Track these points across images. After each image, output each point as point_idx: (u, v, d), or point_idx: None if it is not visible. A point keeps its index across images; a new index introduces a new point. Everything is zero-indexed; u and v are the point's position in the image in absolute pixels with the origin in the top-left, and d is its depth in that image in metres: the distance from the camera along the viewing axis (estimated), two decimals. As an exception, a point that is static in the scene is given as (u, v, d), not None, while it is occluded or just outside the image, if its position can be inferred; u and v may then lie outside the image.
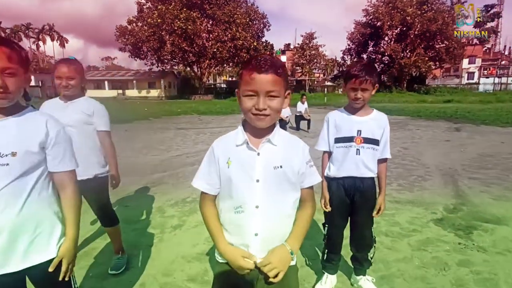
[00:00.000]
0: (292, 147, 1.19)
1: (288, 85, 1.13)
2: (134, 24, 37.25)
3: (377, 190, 2.10)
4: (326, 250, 2.25)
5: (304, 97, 10.97)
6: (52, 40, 59.77)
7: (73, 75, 2.15)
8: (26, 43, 55.74)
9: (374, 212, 2.09)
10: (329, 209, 2.12)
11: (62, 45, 62.51)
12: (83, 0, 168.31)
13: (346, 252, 2.36)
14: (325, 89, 39.12)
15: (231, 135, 1.22)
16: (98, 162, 2.31)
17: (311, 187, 1.26)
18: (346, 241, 2.23)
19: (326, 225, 2.21)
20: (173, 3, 34.59)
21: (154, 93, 39.95)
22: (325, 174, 2.12)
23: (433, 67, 41.90)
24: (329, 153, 2.10)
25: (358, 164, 1.99)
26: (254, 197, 1.14)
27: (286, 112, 10.09)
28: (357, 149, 1.97)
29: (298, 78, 46.78)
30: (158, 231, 3.23)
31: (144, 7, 37.67)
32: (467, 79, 48.71)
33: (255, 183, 1.14)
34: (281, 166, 1.14)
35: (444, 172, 5.50)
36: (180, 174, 5.37)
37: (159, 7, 34.60)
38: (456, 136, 9.71)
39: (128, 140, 9.11)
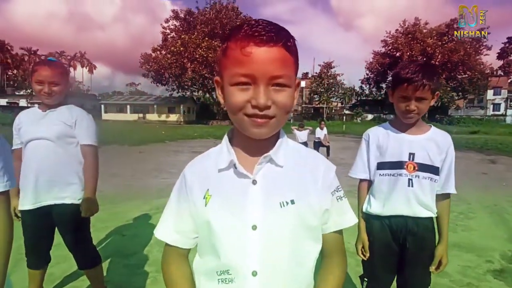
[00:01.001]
0: (309, 168, 0.75)
1: (298, 69, 0.70)
2: (158, 52, 39.04)
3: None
4: (365, 315, 1.66)
5: (323, 123, 10.52)
6: (82, 66, 63.52)
7: (57, 80, 1.76)
8: (58, 69, 59.40)
9: (432, 267, 1.52)
10: (367, 256, 1.58)
11: (91, 71, 66.21)
12: (114, 31, 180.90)
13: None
14: (344, 118, 38.57)
15: (212, 153, 0.78)
16: (78, 185, 1.87)
17: (340, 232, 0.79)
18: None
19: (365, 280, 1.64)
20: (196, 33, 36.15)
21: (173, 117, 40.75)
22: (364, 210, 1.60)
23: (456, 97, 40.78)
24: (369, 182, 1.59)
25: (411, 199, 1.46)
26: (249, 256, 0.68)
27: (303, 136, 9.60)
28: (409, 178, 1.45)
29: (316, 106, 46.68)
30: (154, 269, 2.72)
31: (169, 36, 39.62)
32: (493, 110, 46.95)
33: (251, 232, 0.68)
34: (292, 201, 0.69)
35: (490, 209, 4.75)
36: (188, 200, 4.90)
37: (182, 36, 36.24)
38: (493, 169, 8.84)
39: (140, 162, 8.85)
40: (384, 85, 47.36)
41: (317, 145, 10.31)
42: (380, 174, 1.52)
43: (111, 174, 6.83)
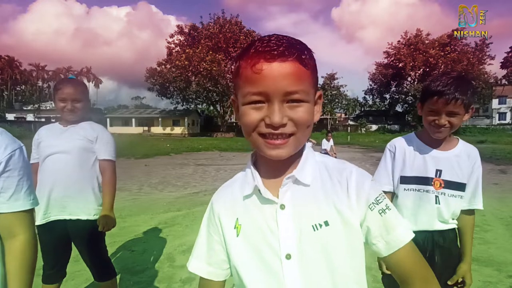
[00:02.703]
0: (339, 181, 0.67)
1: (318, 81, 0.65)
2: (163, 66, 39.71)
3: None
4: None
5: (330, 134, 10.48)
6: (88, 81, 64.69)
7: (79, 97, 1.83)
8: (65, 84, 60.88)
9: (450, 282, 1.46)
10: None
11: (97, 85, 67.39)
12: (120, 46, 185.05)
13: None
14: (348, 128, 38.51)
15: (238, 179, 0.75)
16: (94, 201, 1.88)
17: (407, 250, 0.65)
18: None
19: (387, 299, 1.57)
20: (200, 47, 36.80)
21: (177, 130, 41.03)
22: None
23: (461, 107, 40.67)
24: (392, 194, 1.55)
25: (437, 216, 1.42)
26: None
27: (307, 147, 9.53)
28: (436, 195, 1.40)
29: (320, 117, 46.81)
30: (164, 286, 2.66)
31: (173, 50, 40.37)
32: (499, 120, 46.63)
33: (286, 262, 0.63)
34: (326, 223, 0.63)
35: (506, 221, 4.63)
36: (196, 214, 4.83)
37: (187, 50, 36.90)
38: (504, 179, 8.68)
39: (146, 175, 8.85)
40: (387, 96, 47.50)
41: (324, 156, 10.24)
42: (404, 189, 1.47)
43: (118, 188, 6.78)
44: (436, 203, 1.40)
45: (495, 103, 47.14)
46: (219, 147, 19.54)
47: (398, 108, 48.62)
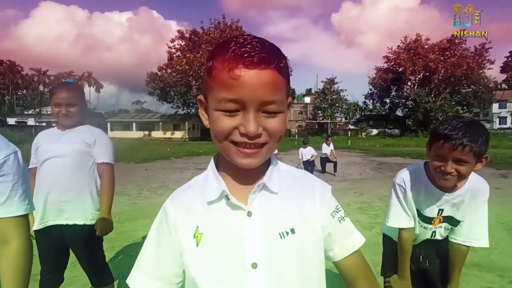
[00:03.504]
0: (304, 191, 0.69)
1: (290, 89, 0.65)
2: (163, 71, 39.96)
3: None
4: None
5: (330, 138, 10.48)
6: (90, 85, 64.98)
7: (74, 102, 1.81)
8: (66, 88, 61.06)
9: None
10: None
11: (98, 90, 67.65)
12: (121, 51, 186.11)
13: None
14: (348, 133, 38.53)
15: (198, 183, 0.70)
16: (91, 205, 1.87)
17: (356, 255, 0.71)
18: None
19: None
20: (200, 52, 37.01)
21: (178, 134, 41.08)
22: (386, 232, 1.64)
23: (461, 111, 40.74)
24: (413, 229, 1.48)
25: (429, 243, 1.51)
26: None
27: (309, 153, 9.47)
28: (433, 231, 1.45)
29: (320, 122, 46.81)
30: (162, 291, 2.63)
31: (174, 55, 40.61)
32: (499, 124, 46.63)
33: (251, 272, 0.61)
34: (292, 230, 0.63)
35: (508, 226, 4.59)
36: (196, 219, 4.82)
37: (187, 55, 37.14)
38: (506, 183, 8.65)
39: (146, 179, 8.82)
40: (388, 100, 47.62)
41: (324, 161, 10.22)
42: None
43: (117, 192, 6.78)
44: (431, 236, 1.46)
45: (495, 107, 47.18)
46: (219, 152, 19.53)
47: (399, 113, 48.75)
